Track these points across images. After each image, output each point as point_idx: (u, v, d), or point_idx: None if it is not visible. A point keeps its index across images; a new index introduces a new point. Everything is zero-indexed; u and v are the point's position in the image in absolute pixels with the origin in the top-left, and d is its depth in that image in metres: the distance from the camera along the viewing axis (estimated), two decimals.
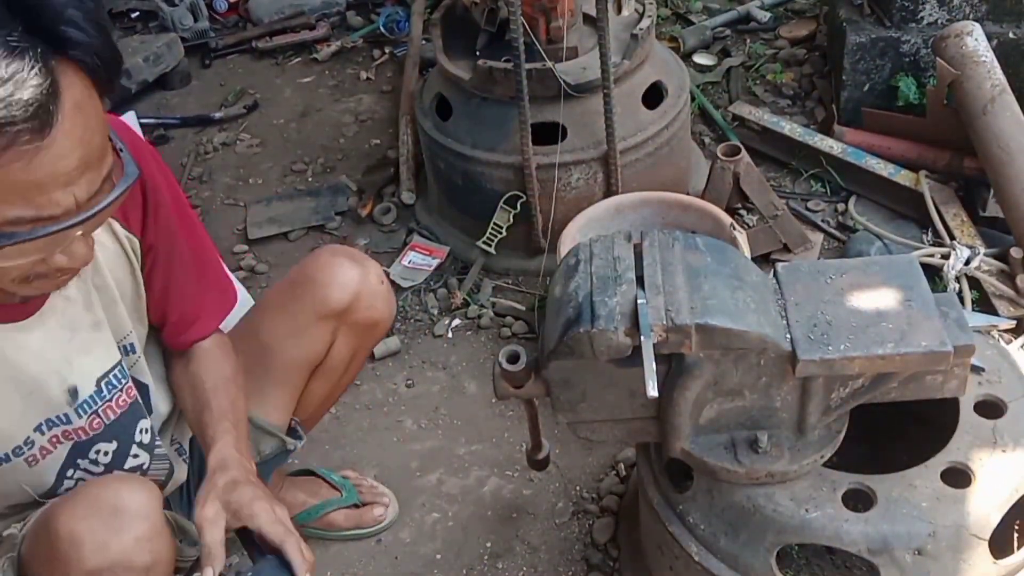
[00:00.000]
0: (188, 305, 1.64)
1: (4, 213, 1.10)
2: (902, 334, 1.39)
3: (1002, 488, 1.50)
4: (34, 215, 1.12)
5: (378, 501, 2.20)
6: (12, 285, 1.26)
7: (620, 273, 1.41)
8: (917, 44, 2.94)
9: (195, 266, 1.64)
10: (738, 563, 1.56)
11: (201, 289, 1.66)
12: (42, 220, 1.12)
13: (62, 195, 1.13)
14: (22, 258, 1.18)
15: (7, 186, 1.08)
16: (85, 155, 1.13)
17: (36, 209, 1.11)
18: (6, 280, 1.24)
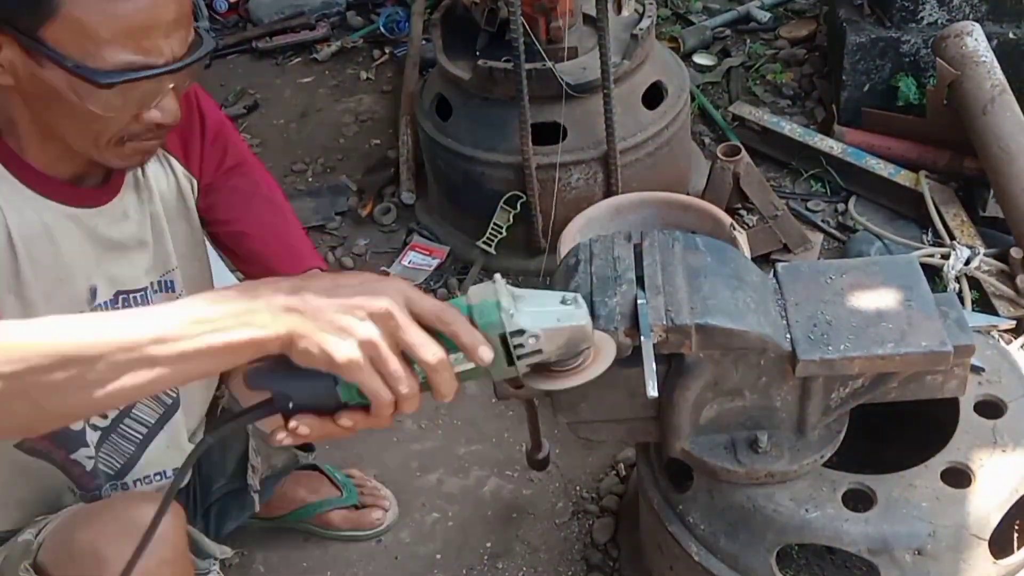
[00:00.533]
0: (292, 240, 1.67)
1: (116, 57, 1.23)
2: (902, 334, 1.39)
3: (1002, 488, 1.50)
4: (141, 61, 1.24)
5: (378, 504, 2.20)
6: (107, 149, 1.35)
7: (620, 273, 1.41)
8: (917, 44, 2.94)
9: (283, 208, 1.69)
10: (738, 563, 1.56)
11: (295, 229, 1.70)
12: (146, 66, 1.25)
13: (163, 43, 1.25)
14: (124, 108, 1.29)
15: (121, 27, 1.21)
16: (179, 11, 1.26)
17: (143, 54, 1.24)
18: (103, 141, 1.33)
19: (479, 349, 1.04)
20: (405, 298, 1.04)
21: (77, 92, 1.25)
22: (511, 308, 1.06)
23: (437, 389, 1.05)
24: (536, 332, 1.06)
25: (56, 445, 1.57)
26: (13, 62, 1.25)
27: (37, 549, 1.46)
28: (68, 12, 1.19)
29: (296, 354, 1.02)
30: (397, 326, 1.02)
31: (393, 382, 1.02)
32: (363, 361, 1.01)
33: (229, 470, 1.84)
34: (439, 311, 1.04)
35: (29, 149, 1.37)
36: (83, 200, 1.45)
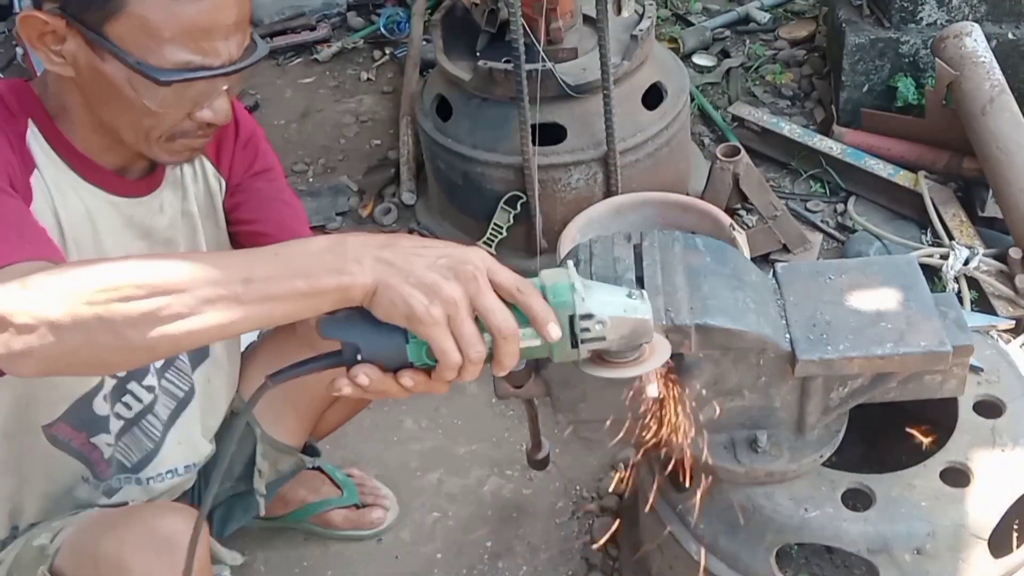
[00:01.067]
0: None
1: (176, 56, 1.26)
2: (901, 334, 1.39)
3: (1001, 488, 1.50)
4: (200, 61, 1.28)
5: (378, 503, 2.20)
6: (158, 144, 1.38)
7: (620, 273, 1.41)
8: (916, 45, 2.94)
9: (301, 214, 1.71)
10: (738, 563, 1.56)
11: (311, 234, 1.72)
12: (204, 67, 1.28)
13: (222, 45, 1.29)
14: (178, 106, 1.33)
15: (183, 27, 1.25)
16: (239, 14, 1.30)
17: (202, 55, 1.27)
18: (154, 137, 1.37)
19: (549, 325, 1.07)
20: (487, 265, 1.07)
21: (135, 87, 1.29)
22: (583, 292, 1.09)
23: (500, 360, 1.07)
24: (604, 319, 1.09)
25: (77, 429, 1.58)
26: (75, 54, 1.29)
27: (54, 554, 1.47)
28: (133, 9, 1.23)
29: (378, 304, 1.04)
30: (478, 290, 1.05)
31: (465, 345, 1.04)
32: (442, 319, 1.03)
33: (236, 473, 1.85)
34: (517, 282, 1.08)
35: (79, 136, 1.41)
36: (126, 189, 1.48)
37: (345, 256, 1.04)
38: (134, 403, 1.63)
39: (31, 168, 1.38)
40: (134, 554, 1.38)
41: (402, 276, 1.03)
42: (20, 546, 1.54)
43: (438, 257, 1.05)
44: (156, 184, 1.52)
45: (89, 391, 1.55)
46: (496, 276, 1.07)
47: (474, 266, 1.06)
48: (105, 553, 1.40)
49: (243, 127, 1.64)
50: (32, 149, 1.38)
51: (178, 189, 1.56)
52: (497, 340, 1.06)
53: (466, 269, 1.05)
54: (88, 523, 1.52)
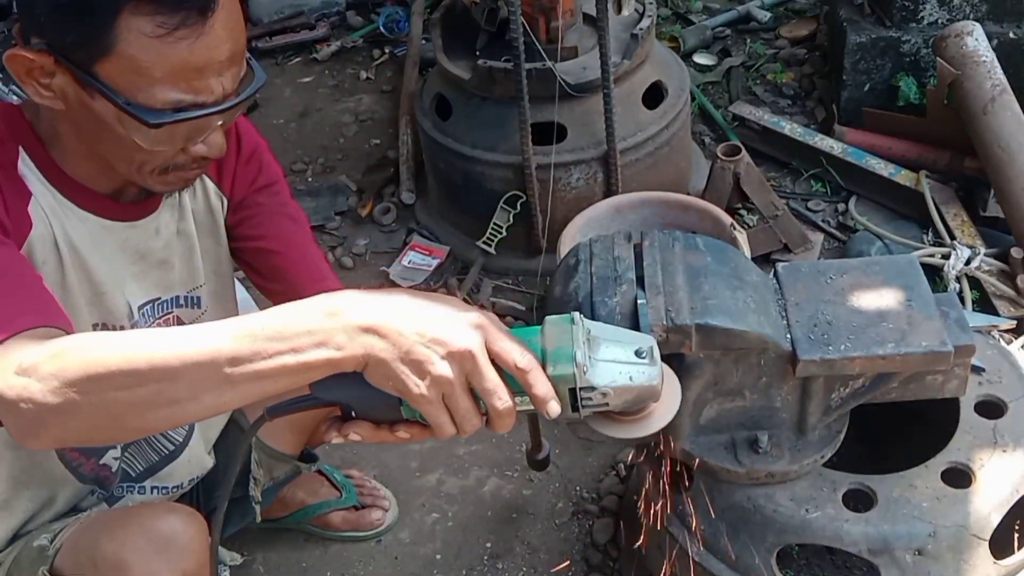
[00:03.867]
0: (315, 259, 1.69)
1: (167, 96, 1.23)
2: (902, 334, 1.39)
3: (1003, 488, 1.50)
4: (191, 100, 1.24)
5: (377, 504, 2.19)
6: (151, 177, 1.36)
7: (620, 273, 1.41)
8: (917, 44, 2.94)
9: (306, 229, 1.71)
10: (738, 563, 1.56)
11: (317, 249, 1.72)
12: (197, 105, 1.25)
13: (215, 82, 1.25)
14: (171, 143, 1.30)
15: (174, 67, 1.21)
16: (233, 48, 1.26)
17: (194, 94, 1.24)
18: (146, 170, 1.34)
19: (549, 404, 1.04)
20: (486, 336, 1.03)
21: (125, 126, 1.26)
22: (585, 363, 1.06)
23: (495, 427, 1.07)
24: (607, 390, 1.06)
25: (87, 456, 1.58)
26: (64, 90, 1.26)
27: (54, 555, 1.47)
28: (123, 50, 1.20)
29: (370, 376, 1.03)
30: (475, 369, 1.02)
31: (460, 419, 1.04)
32: (436, 398, 1.02)
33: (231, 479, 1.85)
34: (517, 357, 1.03)
35: (71, 163, 1.39)
36: (120, 214, 1.46)
37: (332, 327, 1.01)
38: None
39: (27, 196, 1.35)
40: (134, 554, 1.38)
41: (393, 353, 1.01)
42: (20, 547, 1.54)
43: (432, 327, 1.02)
44: (152, 208, 1.50)
45: None
46: (495, 345, 1.03)
47: (470, 341, 1.02)
48: (105, 553, 1.40)
49: (245, 142, 1.62)
50: (25, 177, 1.36)
51: (175, 210, 1.55)
52: (492, 416, 1.05)
53: (461, 346, 1.01)
54: (88, 523, 1.52)
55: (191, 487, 1.77)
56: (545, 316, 1.11)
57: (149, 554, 1.38)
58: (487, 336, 1.03)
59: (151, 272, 1.53)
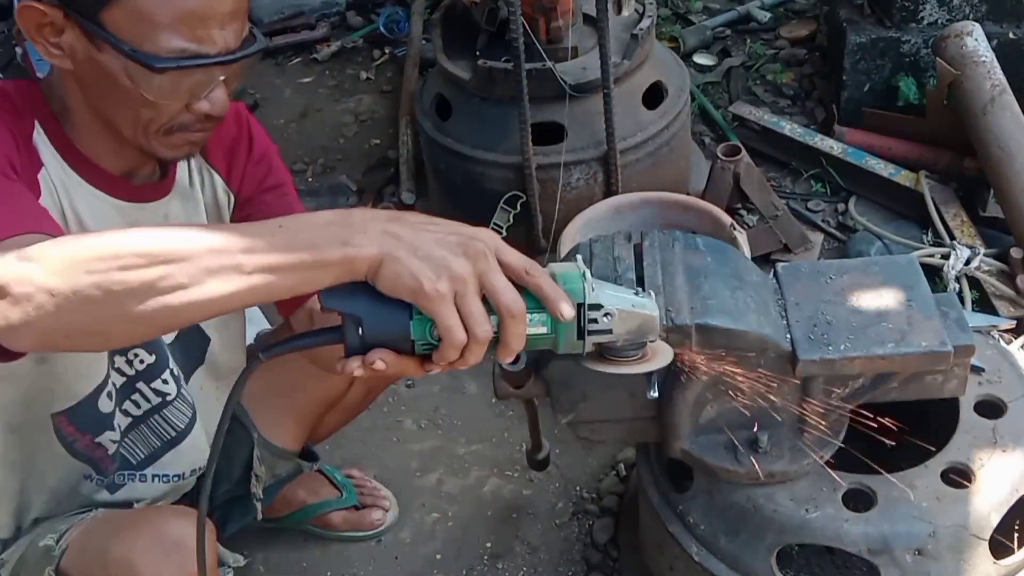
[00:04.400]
0: None
1: (171, 43, 1.25)
2: (902, 334, 1.39)
3: (1002, 488, 1.50)
4: (195, 49, 1.26)
5: (378, 504, 2.20)
6: (156, 137, 1.36)
7: (620, 273, 1.41)
8: (917, 44, 2.94)
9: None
10: (738, 563, 1.56)
11: None
12: (200, 55, 1.27)
13: (217, 33, 1.27)
14: (175, 96, 1.31)
15: (178, 14, 1.24)
16: (236, 3, 1.28)
17: (197, 43, 1.26)
18: (152, 129, 1.35)
19: (562, 304, 1.04)
20: (496, 245, 1.05)
21: (131, 77, 1.28)
22: (594, 284, 1.09)
23: (506, 342, 1.05)
24: (612, 311, 1.09)
25: (83, 431, 1.57)
26: (73, 46, 1.28)
27: (60, 555, 1.47)
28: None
29: (383, 278, 1.01)
30: (487, 268, 1.03)
31: (472, 323, 1.02)
32: (449, 295, 1.01)
33: (234, 477, 1.85)
34: (526, 263, 1.05)
35: (84, 139, 1.40)
36: (130, 194, 1.47)
37: (351, 227, 1.02)
38: (143, 402, 1.62)
39: (38, 166, 1.37)
40: (143, 557, 1.38)
41: (409, 249, 1.01)
42: (25, 546, 1.54)
43: (447, 233, 1.04)
44: (164, 192, 1.51)
45: (93, 390, 1.54)
46: (505, 256, 1.05)
47: (484, 244, 1.04)
48: (114, 556, 1.40)
49: (257, 143, 1.63)
50: (39, 149, 1.38)
51: (189, 202, 1.55)
52: (505, 320, 1.04)
53: (476, 246, 1.03)
54: (95, 524, 1.52)
55: (192, 484, 1.77)
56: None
57: (158, 557, 1.38)
58: (498, 247, 1.05)
59: None
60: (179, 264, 1.01)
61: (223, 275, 1.01)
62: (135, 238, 1.04)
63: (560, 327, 1.08)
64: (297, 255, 1.01)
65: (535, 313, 1.06)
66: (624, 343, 1.13)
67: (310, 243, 1.01)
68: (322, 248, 1.01)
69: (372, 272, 1.01)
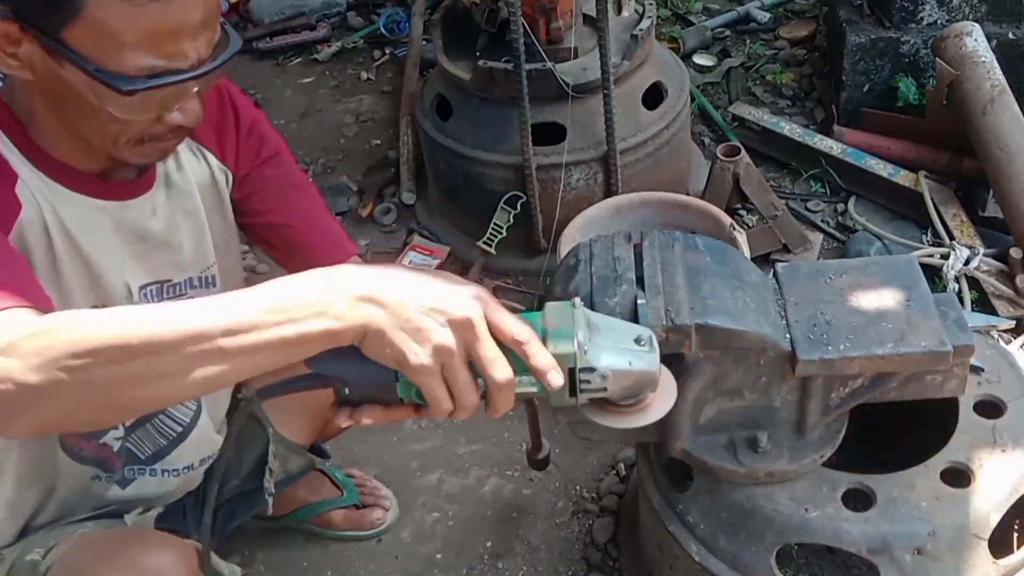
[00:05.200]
0: (330, 228, 1.68)
1: (139, 61, 1.18)
2: (902, 334, 1.39)
3: (1002, 488, 1.50)
4: (165, 65, 1.20)
5: (378, 504, 2.20)
6: (127, 149, 1.32)
7: (620, 273, 1.41)
8: (917, 44, 2.94)
9: (316, 197, 1.69)
10: (738, 563, 1.56)
11: (330, 217, 1.70)
12: (170, 71, 1.21)
13: (189, 47, 1.21)
14: (145, 112, 1.26)
15: (146, 31, 1.17)
16: (206, 11, 1.21)
17: (167, 59, 1.20)
18: (121, 141, 1.31)
19: (550, 374, 1.02)
20: (485, 308, 1.02)
21: (97, 95, 1.22)
22: (586, 343, 1.04)
23: (494, 406, 1.04)
24: (606, 373, 1.05)
25: (87, 438, 1.57)
26: (32, 58, 1.21)
27: (45, 572, 1.45)
28: (92, 13, 1.15)
29: (367, 347, 1.00)
30: (475, 338, 1.00)
31: (458, 393, 1.02)
32: (435, 368, 0.99)
33: (244, 472, 1.84)
34: (516, 328, 1.02)
35: (52, 143, 1.34)
36: (112, 193, 1.42)
37: (332, 299, 0.99)
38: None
39: (13, 178, 1.31)
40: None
41: (392, 321, 0.99)
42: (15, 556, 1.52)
43: (432, 297, 1.00)
44: (147, 187, 1.47)
45: None
46: (494, 318, 1.02)
47: (470, 310, 1.00)
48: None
49: (243, 115, 1.59)
50: (8, 159, 1.32)
51: (173, 189, 1.51)
52: (491, 390, 1.03)
53: (462, 314, 1.00)
54: (82, 545, 1.49)
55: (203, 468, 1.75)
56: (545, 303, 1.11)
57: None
58: (486, 308, 1.02)
59: (154, 253, 1.50)
60: (160, 356, 0.99)
61: (206, 361, 0.99)
62: (112, 326, 1.01)
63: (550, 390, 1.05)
64: (280, 332, 0.99)
65: (524, 376, 1.04)
66: (621, 397, 1.10)
67: (292, 318, 0.99)
68: (305, 322, 0.99)
69: (358, 339, 1.00)
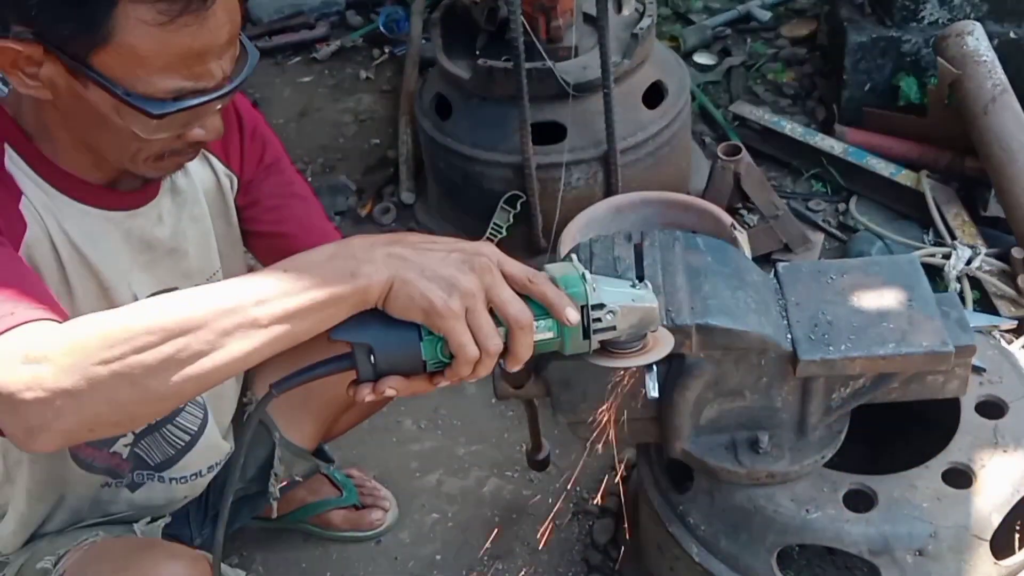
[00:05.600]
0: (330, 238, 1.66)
1: (168, 84, 1.17)
2: (903, 334, 1.39)
3: (1003, 488, 1.50)
4: (192, 86, 1.19)
5: (378, 504, 2.19)
6: (145, 164, 1.31)
7: (620, 273, 1.40)
8: (918, 43, 2.94)
9: (316, 205, 1.69)
10: (739, 564, 1.56)
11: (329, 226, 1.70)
12: (198, 91, 1.20)
13: (215, 66, 1.20)
14: (170, 130, 1.25)
15: (176, 54, 1.16)
16: (232, 29, 1.20)
17: (195, 80, 1.19)
18: (141, 158, 1.29)
19: (567, 310, 1.07)
20: (498, 258, 1.07)
21: (123, 117, 1.21)
22: (593, 283, 1.11)
23: (515, 352, 1.07)
24: (615, 308, 1.11)
25: (97, 448, 1.56)
26: (54, 80, 1.19)
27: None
28: (122, 40, 1.14)
29: (394, 301, 1.03)
30: (494, 282, 1.05)
31: (483, 337, 1.04)
32: (461, 312, 1.03)
33: (249, 475, 1.84)
34: (530, 273, 1.07)
35: (62, 155, 1.33)
36: (119, 203, 1.41)
37: (355, 258, 1.03)
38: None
39: (17, 195, 1.30)
40: None
41: (417, 270, 1.03)
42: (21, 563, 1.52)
43: (450, 251, 1.05)
44: (153, 194, 1.46)
45: None
46: (507, 267, 1.07)
47: (487, 258, 1.06)
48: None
49: (245, 118, 1.58)
50: (14, 175, 1.30)
51: (179, 195, 1.50)
52: (513, 331, 1.06)
53: (480, 261, 1.05)
54: (95, 554, 1.48)
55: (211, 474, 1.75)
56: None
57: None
58: (500, 259, 1.07)
59: (162, 261, 1.49)
60: (195, 333, 0.99)
61: (241, 333, 1.00)
62: (142, 314, 1.01)
63: (566, 331, 1.10)
64: (310, 296, 1.01)
65: (541, 320, 1.09)
66: (627, 337, 1.15)
67: (319, 282, 1.01)
68: (333, 284, 1.01)
69: (383, 297, 1.03)
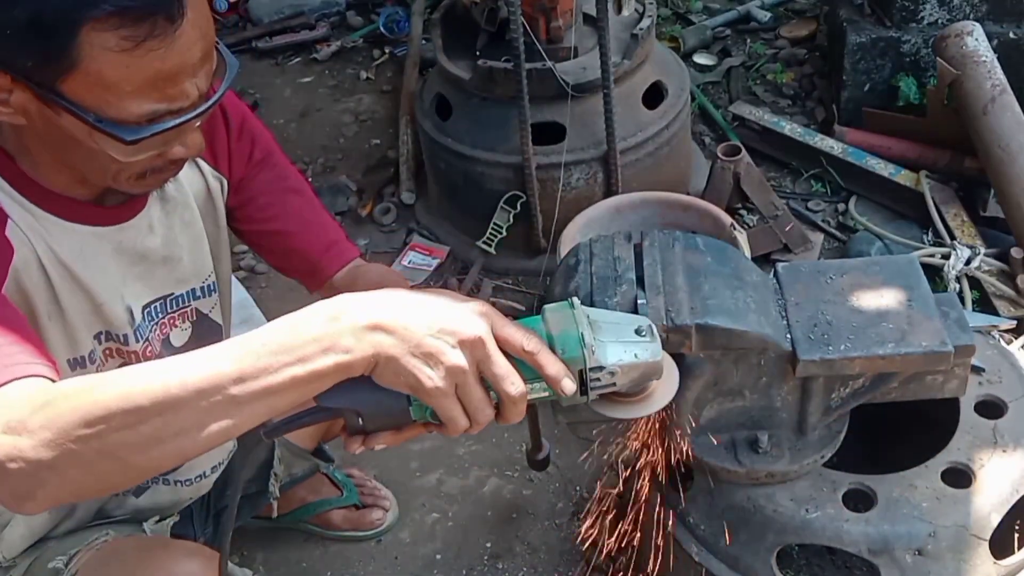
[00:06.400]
0: (329, 232, 1.66)
1: (141, 108, 1.15)
2: (902, 334, 1.39)
3: (1003, 488, 1.50)
4: (166, 108, 1.16)
5: (378, 504, 2.19)
6: (127, 183, 1.29)
7: (620, 273, 1.41)
8: (918, 44, 2.94)
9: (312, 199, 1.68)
10: (738, 563, 1.56)
11: (328, 219, 1.69)
12: (172, 112, 1.17)
13: (189, 86, 1.17)
14: (150, 151, 1.22)
15: (146, 78, 1.13)
16: (205, 46, 1.17)
17: (168, 102, 1.16)
18: (123, 177, 1.27)
19: (563, 382, 1.03)
20: (491, 323, 1.02)
21: (97, 141, 1.18)
22: (592, 343, 1.06)
23: (506, 417, 1.05)
24: (614, 369, 1.07)
25: None
26: (26, 106, 1.17)
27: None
28: (88, 67, 1.11)
29: (380, 375, 0.99)
30: (486, 356, 1.00)
31: (473, 412, 1.02)
32: (449, 390, 0.99)
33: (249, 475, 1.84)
34: (524, 340, 1.02)
35: (46, 174, 1.31)
36: (107, 219, 1.39)
37: (338, 330, 0.98)
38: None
39: (3, 220, 1.27)
40: None
41: (403, 347, 0.98)
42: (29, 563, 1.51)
43: (439, 318, 0.99)
44: (140, 206, 1.43)
45: None
46: (501, 332, 1.02)
47: (479, 328, 1.00)
48: None
49: (232, 114, 1.55)
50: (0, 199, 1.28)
51: (168, 203, 1.48)
52: (505, 403, 1.03)
53: (472, 333, 0.99)
54: (108, 553, 1.48)
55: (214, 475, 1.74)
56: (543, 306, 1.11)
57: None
58: (493, 323, 1.02)
59: (156, 270, 1.48)
60: (173, 413, 0.98)
61: (221, 411, 0.98)
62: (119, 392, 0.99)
63: None
64: (290, 373, 0.97)
65: (535, 383, 1.05)
66: (629, 389, 1.12)
67: (301, 357, 0.97)
68: (314, 360, 0.97)
69: (368, 370, 1.00)
